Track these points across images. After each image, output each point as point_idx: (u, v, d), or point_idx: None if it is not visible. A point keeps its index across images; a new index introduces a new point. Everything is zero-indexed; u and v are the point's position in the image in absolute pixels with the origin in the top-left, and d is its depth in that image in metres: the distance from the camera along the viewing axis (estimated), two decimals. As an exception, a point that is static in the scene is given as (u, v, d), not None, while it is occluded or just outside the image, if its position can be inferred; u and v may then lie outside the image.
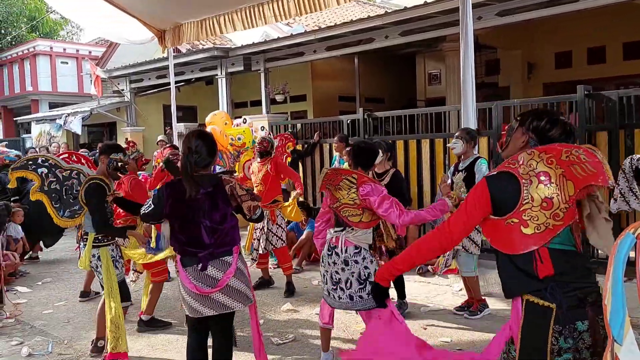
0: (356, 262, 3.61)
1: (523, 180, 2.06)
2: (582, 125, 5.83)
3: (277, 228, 6.04)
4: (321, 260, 3.80)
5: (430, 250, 2.39)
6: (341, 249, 3.63)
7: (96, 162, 4.73)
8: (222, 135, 8.33)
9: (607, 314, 1.41)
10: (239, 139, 8.46)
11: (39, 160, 4.23)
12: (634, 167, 3.52)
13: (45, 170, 4.17)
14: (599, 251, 5.83)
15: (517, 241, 2.06)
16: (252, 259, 6.28)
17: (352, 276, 3.61)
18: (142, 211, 3.38)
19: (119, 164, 4.23)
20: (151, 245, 5.22)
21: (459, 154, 4.95)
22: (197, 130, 3.38)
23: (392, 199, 3.49)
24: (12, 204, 7.62)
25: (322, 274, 3.79)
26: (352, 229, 3.63)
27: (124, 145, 4.72)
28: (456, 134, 4.99)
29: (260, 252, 6.07)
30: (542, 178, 2.04)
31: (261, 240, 6.02)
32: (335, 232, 3.69)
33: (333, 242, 3.70)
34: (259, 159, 6.10)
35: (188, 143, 3.23)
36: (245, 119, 9.24)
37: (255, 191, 6.06)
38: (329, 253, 3.71)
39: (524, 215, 2.04)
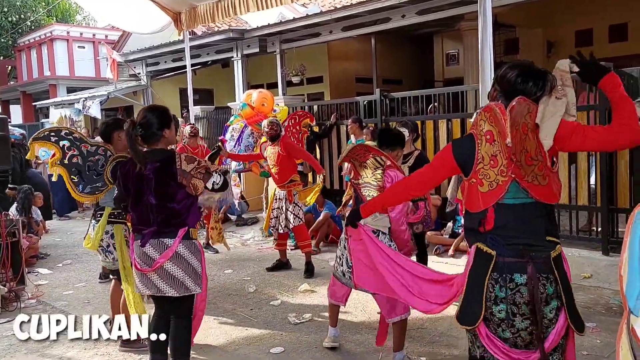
0: None
1: (477, 141, 2.19)
2: (603, 102, 5.72)
3: (294, 207, 6.05)
4: (339, 243, 3.79)
5: (395, 194, 2.73)
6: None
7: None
8: (254, 113, 8.24)
9: (623, 284, 1.39)
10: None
11: (62, 133, 4.12)
12: None
13: (67, 143, 4.07)
14: (619, 231, 5.77)
15: (477, 199, 2.19)
16: (274, 238, 6.30)
17: None
18: (114, 196, 3.41)
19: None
20: None
21: None
22: (149, 105, 3.36)
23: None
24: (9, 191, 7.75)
25: (338, 256, 3.77)
26: None
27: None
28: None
29: (280, 231, 6.09)
30: (487, 137, 2.17)
31: (280, 220, 6.05)
32: None
33: None
34: (270, 142, 6.09)
35: (137, 117, 3.20)
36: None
37: (273, 172, 6.10)
38: (346, 237, 3.69)
39: (479, 175, 2.18)
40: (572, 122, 2.18)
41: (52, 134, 4.12)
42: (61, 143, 4.07)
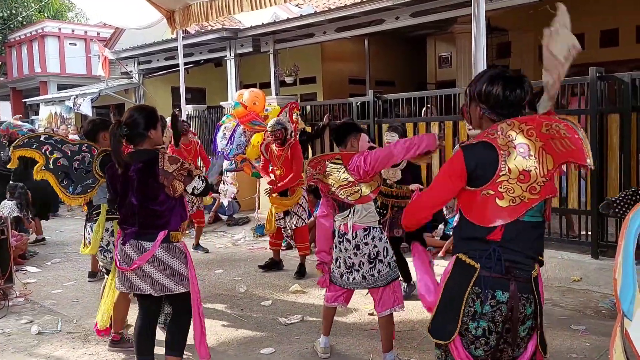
0: (366, 244, 3.63)
1: (501, 152, 2.01)
2: (593, 107, 5.76)
3: (298, 207, 6.03)
4: (334, 246, 3.81)
5: (413, 222, 2.33)
6: (351, 235, 3.64)
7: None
8: (246, 112, 8.20)
9: (617, 288, 1.39)
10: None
11: (42, 138, 4.06)
12: None
13: (49, 147, 4.01)
14: (609, 235, 5.80)
15: (491, 213, 2.02)
16: (287, 236, 6.27)
17: (364, 258, 3.63)
18: (107, 198, 3.41)
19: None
20: None
21: (476, 135, 4.87)
22: (136, 105, 3.35)
23: (370, 152, 3.52)
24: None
25: (336, 258, 3.79)
26: (357, 210, 3.63)
27: None
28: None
29: (289, 231, 6.07)
30: (521, 150, 1.99)
31: (287, 220, 6.03)
32: (342, 218, 3.69)
33: (342, 229, 3.70)
34: (277, 144, 6.02)
35: (123, 116, 3.19)
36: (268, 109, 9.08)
37: (278, 173, 6.01)
38: (340, 240, 3.72)
39: (500, 187, 2.00)
40: None
41: (32, 140, 4.03)
42: (42, 148, 3.99)
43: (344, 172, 3.54)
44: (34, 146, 4.00)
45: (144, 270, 3.15)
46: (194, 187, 3.15)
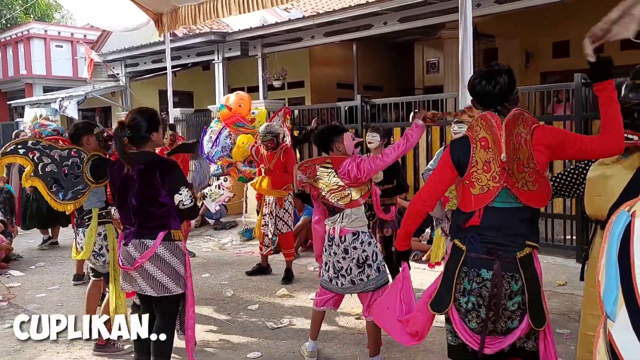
0: (355, 248, 3.62)
1: (473, 145, 2.30)
2: (578, 113, 5.83)
3: (284, 213, 5.99)
4: (324, 250, 3.81)
5: (413, 213, 2.60)
6: (340, 239, 3.64)
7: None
8: (231, 114, 8.17)
9: (600, 290, 1.42)
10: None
11: (29, 143, 3.91)
12: None
13: (37, 153, 3.88)
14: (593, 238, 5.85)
15: (468, 200, 2.33)
16: (265, 246, 6.21)
17: (352, 262, 3.62)
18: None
19: (105, 134, 4.02)
20: None
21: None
22: (138, 107, 3.36)
23: (364, 159, 3.56)
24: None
25: (325, 262, 3.79)
26: (346, 214, 3.63)
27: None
28: (458, 119, 4.91)
29: (270, 236, 6.02)
30: (483, 143, 2.29)
31: (270, 225, 5.99)
32: (332, 222, 3.69)
33: (331, 233, 3.71)
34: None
35: (125, 119, 3.24)
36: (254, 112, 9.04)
37: (264, 174, 6.00)
38: (329, 244, 3.72)
39: (472, 177, 2.30)
40: (558, 129, 2.36)
41: (19, 146, 3.89)
42: (30, 154, 3.87)
43: (334, 177, 3.55)
44: (22, 152, 3.87)
45: (145, 269, 3.19)
46: (181, 200, 3.16)
